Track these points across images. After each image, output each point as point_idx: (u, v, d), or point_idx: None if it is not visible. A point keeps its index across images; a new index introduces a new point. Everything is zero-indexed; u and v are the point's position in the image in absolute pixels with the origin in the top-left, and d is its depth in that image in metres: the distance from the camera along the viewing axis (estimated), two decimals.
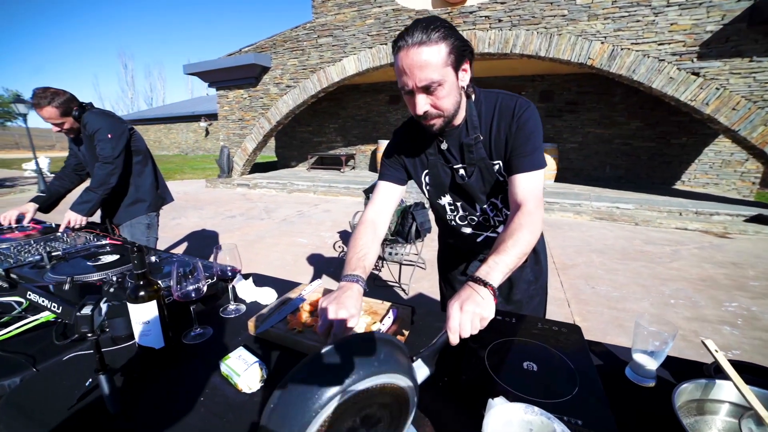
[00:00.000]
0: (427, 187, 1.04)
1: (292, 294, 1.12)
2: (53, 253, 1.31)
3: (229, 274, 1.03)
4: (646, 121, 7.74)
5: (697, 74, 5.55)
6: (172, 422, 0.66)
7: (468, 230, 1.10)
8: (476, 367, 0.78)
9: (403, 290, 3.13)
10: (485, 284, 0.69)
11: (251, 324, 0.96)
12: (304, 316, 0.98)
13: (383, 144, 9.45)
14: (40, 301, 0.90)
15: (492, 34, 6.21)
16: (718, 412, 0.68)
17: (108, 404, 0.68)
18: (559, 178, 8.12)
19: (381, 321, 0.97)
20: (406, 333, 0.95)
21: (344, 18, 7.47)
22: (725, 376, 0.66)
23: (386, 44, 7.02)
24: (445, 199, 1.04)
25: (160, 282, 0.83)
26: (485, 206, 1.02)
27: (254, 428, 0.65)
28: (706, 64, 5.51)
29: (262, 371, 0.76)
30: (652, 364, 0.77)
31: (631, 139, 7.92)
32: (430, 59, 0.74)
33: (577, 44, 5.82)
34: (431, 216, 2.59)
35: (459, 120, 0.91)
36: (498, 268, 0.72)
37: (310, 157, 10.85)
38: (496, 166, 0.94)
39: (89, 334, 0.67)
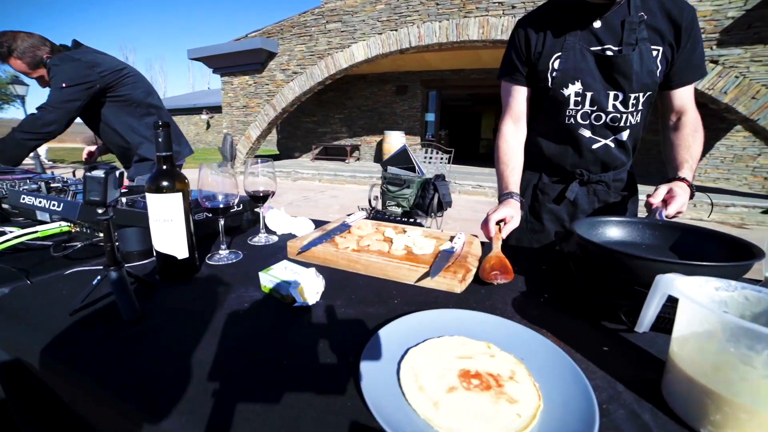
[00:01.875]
0: (555, 74, 0.91)
1: (331, 225, 0.96)
2: (52, 185, 1.14)
3: (261, 194, 0.87)
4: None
5: (716, 62, 5.40)
6: (208, 335, 0.50)
7: (587, 133, 0.94)
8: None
9: None
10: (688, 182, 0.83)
11: (292, 245, 0.79)
12: (354, 239, 0.82)
13: (389, 135, 9.26)
14: (36, 203, 0.73)
15: (505, 21, 6.05)
16: None
17: (122, 308, 0.52)
18: None
19: (451, 240, 0.82)
20: (478, 255, 0.79)
21: (354, 3, 7.29)
22: None
23: (396, 30, 6.85)
24: (573, 88, 0.91)
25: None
26: (618, 102, 0.90)
27: (314, 341, 0.49)
28: (726, 52, 5.37)
29: (320, 279, 0.60)
30: None
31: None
32: None
33: None
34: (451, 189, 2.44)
35: None
36: (692, 168, 0.87)
37: (315, 148, 10.67)
38: (655, 52, 0.87)
39: (99, 209, 0.50)
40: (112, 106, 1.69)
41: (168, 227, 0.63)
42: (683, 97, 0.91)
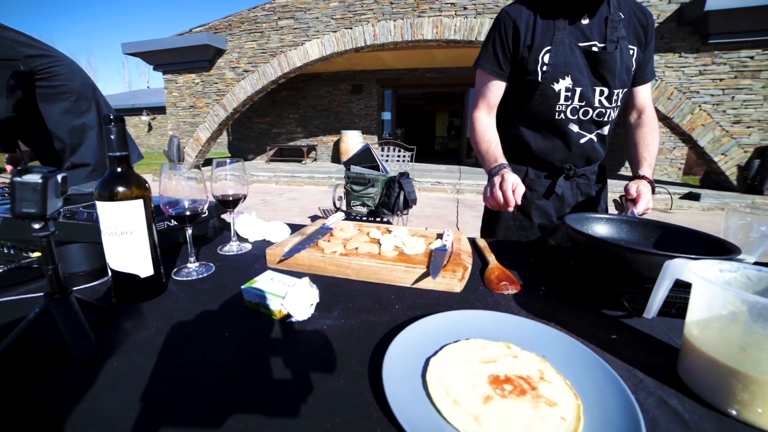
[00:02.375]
0: (545, 68, 0.91)
1: (310, 228, 0.89)
2: None
3: (231, 198, 0.79)
4: None
5: None
6: (189, 369, 0.43)
7: (575, 128, 0.96)
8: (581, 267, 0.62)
9: None
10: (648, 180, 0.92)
11: (273, 252, 0.72)
12: (339, 242, 0.77)
13: (346, 135, 9.17)
14: None
15: (458, 21, 6.24)
16: None
17: (74, 345, 0.42)
18: None
19: (441, 238, 0.79)
20: (469, 251, 0.77)
21: (307, 0, 7.11)
22: None
23: (351, 28, 6.79)
24: (564, 83, 0.91)
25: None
26: (603, 98, 0.93)
27: (320, 360, 0.44)
28: None
29: (314, 290, 0.54)
30: (749, 258, 0.68)
31: None
32: None
33: None
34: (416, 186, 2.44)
35: None
36: (651, 166, 0.96)
37: (269, 149, 10.26)
38: (632, 51, 0.92)
39: (36, 224, 0.40)
40: (47, 99, 1.45)
41: (127, 241, 0.54)
42: (644, 94, 0.99)
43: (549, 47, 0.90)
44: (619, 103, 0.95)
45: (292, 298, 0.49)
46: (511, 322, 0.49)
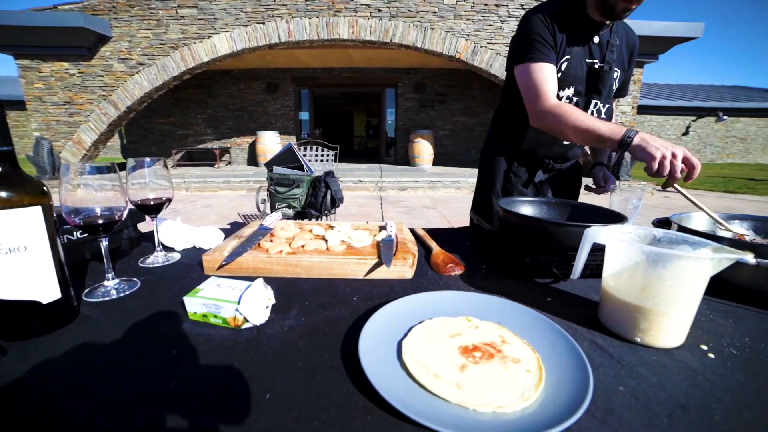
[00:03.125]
0: (559, 74, 0.99)
1: (246, 230, 0.83)
2: None
3: (152, 203, 0.69)
4: None
5: None
6: (132, 412, 0.37)
7: None
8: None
9: None
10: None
11: (210, 259, 0.65)
12: (283, 242, 0.73)
13: (263, 136, 8.67)
14: None
15: (373, 23, 6.38)
16: None
17: None
18: (435, 162, 8.97)
19: (385, 229, 0.81)
20: (413, 240, 0.81)
21: None
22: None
23: (263, 23, 6.42)
24: (567, 92, 1.01)
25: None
26: (595, 109, 1.05)
27: (291, 364, 0.42)
28: None
29: (269, 290, 0.51)
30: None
31: (488, 126, 9.41)
32: None
33: (447, 39, 6.51)
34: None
35: None
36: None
37: (176, 153, 9.16)
38: (616, 74, 1.04)
39: None
40: None
41: (19, 260, 0.44)
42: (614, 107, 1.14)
43: (568, 57, 0.98)
44: (603, 116, 1.06)
45: (248, 302, 0.46)
46: (466, 299, 0.54)
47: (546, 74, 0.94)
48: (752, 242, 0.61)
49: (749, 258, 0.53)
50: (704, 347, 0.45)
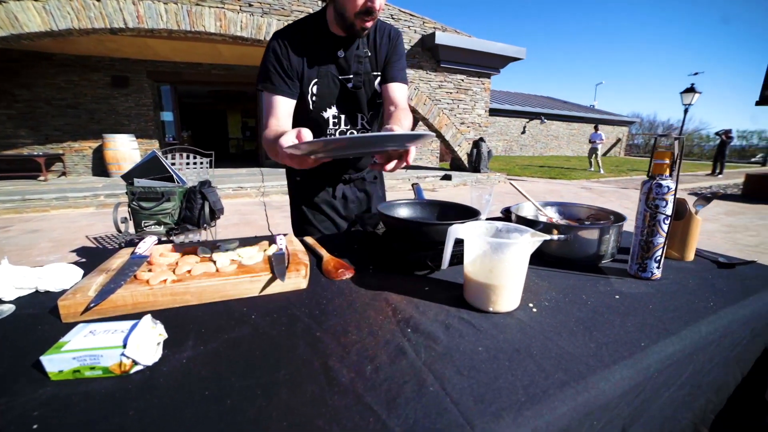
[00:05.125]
0: (313, 98, 1.02)
1: (114, 262, 0.73)
2: None
3: None
4: None
5: None
6: None
7: None
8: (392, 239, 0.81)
9: None
10: None
11: (70, 303, 0.56)
12: (165, 269, 0.67)
13: (113, 140, 7.19)
14: None
15: (244, 17, 5.96)
16: None
17: None
18: None
19: (275, 243, 0.82)
20: (304, 249, 0.84)
21: None
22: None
23: (100, 0, 5.27)
24: (330, 111, 1.04)
25: None
26: (364, 121, 1.09)
27: (202, 404, 0.41)
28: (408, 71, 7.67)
29: (159, 326, 0.48)
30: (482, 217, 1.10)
31: None
32: None
33: None
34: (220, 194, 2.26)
35: None
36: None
37: None
38: (377, 79, 1.07)
39: None
40: None
41: None
42: (396, 92, 1.06)
43: (316, 79, 1.00)
44: (376, 120, 1.12)
45: (136, 343, 0.42)
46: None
47: (271, 105, 0.96)
48: (556, 224, 0.85)
49: (554, 236, 0.75)
50: (531, 305, 0.63)
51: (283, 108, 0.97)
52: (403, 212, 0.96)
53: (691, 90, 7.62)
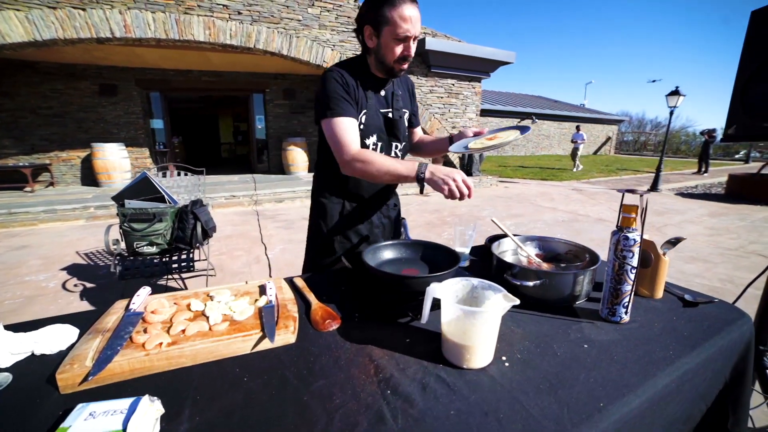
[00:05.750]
0: (361, 126, 1.13)
1: (109, 320, 0.76)
2: None
3: None
4: None
5: None
6: None
7: None
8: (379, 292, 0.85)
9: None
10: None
11: (68, 374, 0.59)
12: (159, 328, 0.71)
13: (102, 149, 7.09)
14: None
15: (233, 26, 5.95)
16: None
17: None
18: (311, 169, 8.97)
19: (264, 292, 0.86)
20: (292, 298, 0.88)
21: None
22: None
23: (84, 10, 5.22)
24: (372, 140, 1.17)
25: None
26: (397, 150, 1.25)
27: None
28: None
29: (156, 403, 0.51)
30: (466, 251, 1.17)
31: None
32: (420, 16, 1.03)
33: (313, 48, 6.59)
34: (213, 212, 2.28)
35: None
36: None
37: None
38: (406, 114, 1.28)
39: None
40: None
41: None
42: (418, 131, 1.42)
43: (365, 110, 1.13)
44: (405, 151, 1.30)
45: (136, 427, 0.46)
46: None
47: (347, 126, 1.05)
48: (533, 269, 0.90)
49: (529, 283, 0.80)
50: (504, 358, 0.68)
51: (355, 129, 1.08)
52: (387, 254, 1.00)
53: (676, 93, 7.78)
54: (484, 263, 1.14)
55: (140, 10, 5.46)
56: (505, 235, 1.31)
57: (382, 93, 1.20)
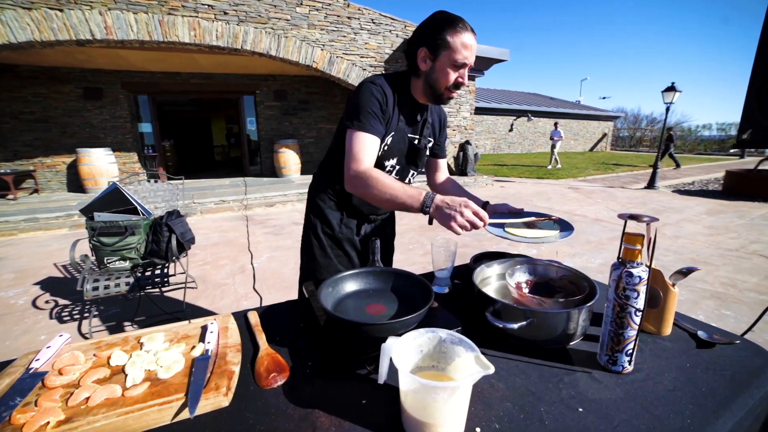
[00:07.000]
0: (385, 147, 1.08)
1: (3, 380, 0.62)
2: None
3: None
4: None
5: None
6: None
7: None
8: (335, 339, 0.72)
9: (179, 319, 2.50)
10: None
11: None
12: (59, 395, 0.57)
13: (88, 154, 6.89)
14: None
15: (219, 26, 5.79)
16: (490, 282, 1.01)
17: None
18: (303, 171, 8.81)
19: (203, 341, 0.73)
20: (237, 343, 0.75)
21: None
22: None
23: (62, 11, 5.05)
24: (391, 162, 1.12)
25: None
26: (411, 176, 1.22)
27: None
28: None
29: None
30: (446, 274, 1.05)
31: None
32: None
33: (302, 48, 6.43)
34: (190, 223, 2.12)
35: None
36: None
37: None
38: (431, 143, 1.25)
39: None
40: None
41: None
42: (443, 164, 1.35)
43: (393, 133, 1.08)
44: (416, 178, 1.24)
45: None
46: None
47: (367, 143, 0.99)
48: (518, 307, 0.77)
49: (514, 325, 0.67)
50: (478, 430, 0.55)
51: (375, 147, 1.01)
52: (351, 286, 0.86)
53: (671, 89, 7.68)
54: (468, 288, 1.01)
55: (121, 11, 5.29)
56: (493, 255, 1.19)
57: (419, 118, 1.15)
